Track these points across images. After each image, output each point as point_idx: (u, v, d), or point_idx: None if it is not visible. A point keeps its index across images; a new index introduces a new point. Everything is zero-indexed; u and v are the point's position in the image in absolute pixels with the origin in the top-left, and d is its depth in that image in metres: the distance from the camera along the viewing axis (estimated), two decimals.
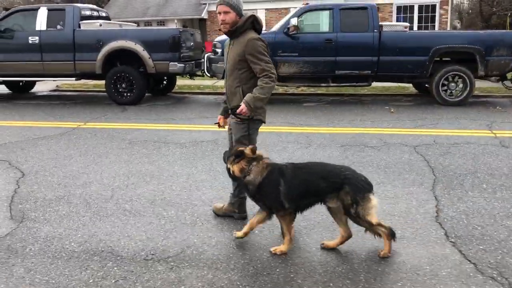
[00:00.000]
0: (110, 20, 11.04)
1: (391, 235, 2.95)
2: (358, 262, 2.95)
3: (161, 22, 24.09)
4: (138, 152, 5.57)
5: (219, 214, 3.65)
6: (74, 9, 9.64)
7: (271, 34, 9.29)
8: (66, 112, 8.66)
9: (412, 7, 22.35)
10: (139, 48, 9.24)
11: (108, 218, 3.63)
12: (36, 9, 9.77)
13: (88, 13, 10.03)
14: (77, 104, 9.75)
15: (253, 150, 3.06)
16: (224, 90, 3.62)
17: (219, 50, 9.42)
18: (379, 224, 2.91)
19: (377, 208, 2.90)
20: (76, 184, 4.43)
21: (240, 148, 3.09)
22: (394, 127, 6.94)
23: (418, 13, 22.40)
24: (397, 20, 22.66)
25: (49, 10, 9.70)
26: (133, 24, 11.47)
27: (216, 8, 3.28)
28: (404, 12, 22.57)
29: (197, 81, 12.03)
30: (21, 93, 11.83)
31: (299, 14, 9.31)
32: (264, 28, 4.36)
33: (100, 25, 9.67)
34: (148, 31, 10.46)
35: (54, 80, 10.83)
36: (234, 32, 3.29)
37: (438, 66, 9.00)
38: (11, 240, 3.26)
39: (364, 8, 9.24)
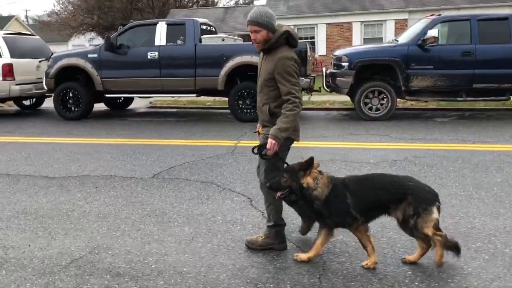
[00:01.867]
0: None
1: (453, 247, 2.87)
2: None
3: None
4: None
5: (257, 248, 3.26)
6: (194, 23, 9.37)
7: (403, 46, 8.85)
8: (200, 130, 8.27)
9: None
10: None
11: None
12: (154, 24, 9.52)
13: (204, 27, 9.74)
14: (198, 121, 9.39)
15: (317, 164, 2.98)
16: None
17: (345, 64, 9.00)
18: (434, 234, 2.81)
19: (435, 220, 2.80)
20: None
21: (309, 159, 2.93)
22: None
23: None
24: None
25: (168, 24, 9.44)
26: (239, 38, 11.13)
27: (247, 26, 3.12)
28: None
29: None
30: (119, 110, 11.59)
31: (433, 26, 8.85)
32: (391, 38, 3.91)
33: (223, 39, 9.35)
34: None
35: (172, 97, 10.56)
36: (268, 49, 3.10)
37: None
38: None
39: (504, 18, 8.76)
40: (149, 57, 9.32)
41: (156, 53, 9.30)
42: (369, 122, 8.58)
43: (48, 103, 12.18)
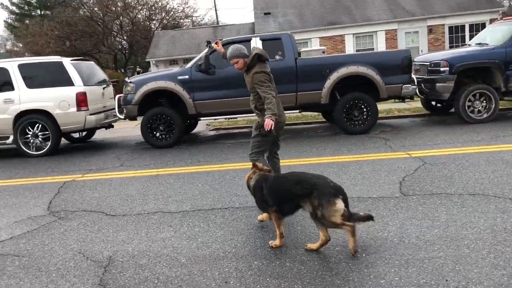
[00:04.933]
0: None
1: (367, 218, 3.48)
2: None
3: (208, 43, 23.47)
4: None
5: None
6: (290, 37, 9.04)
7: (500, 49, 9.03)
8: (333, 146, 7.90)
9: (463, 26, 23.01)
10: (371, 73, 8.71)
11: None
12: (248, 40, 9.07)
13: None
14: (296, 138, 8.98)
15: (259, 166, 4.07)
16: None
17: (445, 69, 9.04)
18: (342, 225, 3.35)
19: (341, 211, 3.32)
20: None
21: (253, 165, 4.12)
22: None
23: (469, 32, 23.06)
24: (450, 41, 23.31)
25: (263, 40, 9.03)
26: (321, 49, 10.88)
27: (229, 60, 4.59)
28: (456, 32, 23.20)
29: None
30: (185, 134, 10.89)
31: None
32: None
33: (323, 51, 9.08)
34: (377, 55, 9.98)
35: (226, 118, 10.08)
36: (247, 69, 4.54)
37: None
38: None
39: None
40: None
41: None
42: (479, 126, 8.60)
43: (99, 134, 11.24)
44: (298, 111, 9.26)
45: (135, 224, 4.51)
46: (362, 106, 8.82)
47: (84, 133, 10.91)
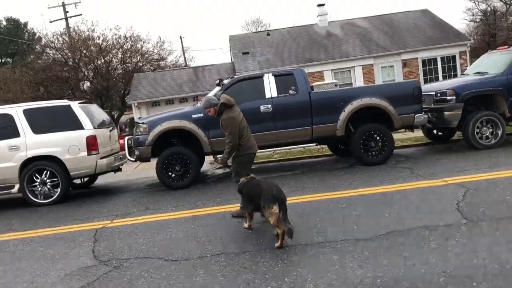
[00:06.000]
0: None
1: (287, 233, 4.37)
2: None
3: (196, 98, 23.49)
4: None
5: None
6: (302, 72, 9.15)
7: (502, 77, 9.40)
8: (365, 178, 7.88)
9: (435, 59, 24.02)
10: (385, 104, 8.86)
11: None
12: (261, 76, 9.09)
13: None
14: (318, 172, 8.93)
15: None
16: None
17: (451, 98, 9.31)
18: (277, 226, 4.41)
19: (276, 214, 4.36)
20: None
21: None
22: None
23: (441, 64, 24.10)
24: (424, 73, 24.27)
25: (275, 76, 9.08)
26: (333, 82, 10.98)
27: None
28: (429, 64, 24.19)
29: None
30: None
31: None
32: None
33: (336, 85, 9.19)
34: (389, 86, 10.14)
35: (289, 149, 9.97)
36: (218, 115, 5.77)
37: None
38: None
39: None
40: (262, 110, 8.81)
41: (269, 106, 8.84)
42: (491, 151, 8.80)
43: (101, 180, 10.83)
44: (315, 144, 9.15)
45: (205, 269, 4.25)
46: (378, 137, 8.87)
47: (86, 179, 10.46)
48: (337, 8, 70.25)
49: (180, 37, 38.27)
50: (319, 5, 27.93)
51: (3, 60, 55.01)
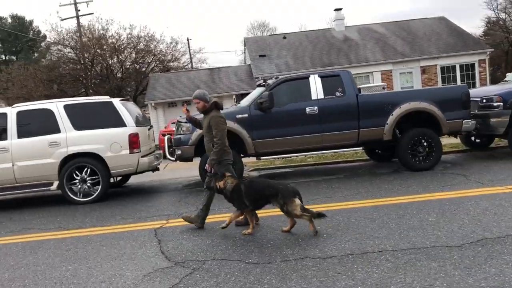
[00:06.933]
0: None
1: (319, 216, 4.95)
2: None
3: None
4: None
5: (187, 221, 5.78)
6: (349, 74, 8.96)
7: None
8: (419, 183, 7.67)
9: (454, 67, 23.88)
10: (433, 109, 8.67)
11: None
12: (306, 77, 8.91)
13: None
14: (359, 177, 8.74)
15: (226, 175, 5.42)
16: None
17: (498, 104, 9.12)
18: (302, 214, 4.89)
19: (299, 205, 4.89)
20: None
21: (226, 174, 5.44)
22: None
23: (460, 72, 23.95)
24: (442, 80, 24.11)
25: (321, 77, 8.90)
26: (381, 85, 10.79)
27: (193, 100, 5.60)
28: (448, 72, 24.04)
29: None
30: None
31: None
32: None
33: (384, 88, 9.01)
34: (437, 90, 9.95)
35: (335, 152, 9.77)
36: (205, 112, 5.61)
37: None
38: None
39: None
40: (307, 112, 8.62)
41: (315, 107, 8.65)
42: None
43: (133, 180, 10.61)
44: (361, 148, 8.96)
45: (296, 273, 4.05)
46: (425, 143, 8.67)
47: (118, 178, 10.24)
48: (349, 13, 70.42)
49: (187, 39, 37.86)
50: (336, 10, 27.86)
51: (7, 58, 54.92)
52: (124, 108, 8.63)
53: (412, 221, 5.34)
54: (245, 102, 9.20)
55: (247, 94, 23.27)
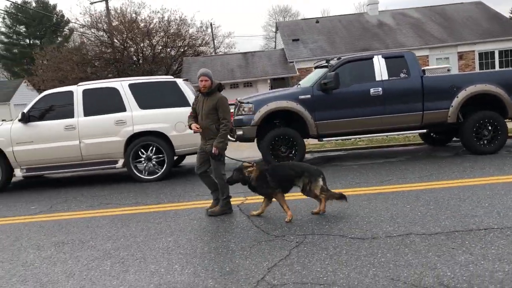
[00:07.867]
0: None
1: (342, 197, 5.17)
2: None
3: (248, 83, 23.31)
4: None
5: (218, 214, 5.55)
6: (413, 55, 8.84)
7: None
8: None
9: (492, 53, 23.38)
10: (500, 91, 8.52)
11: None
12: (370, 58, 8.82)
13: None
14: (418, 160, 8.66)
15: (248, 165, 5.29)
16: None
17: None
18: (320, 194, 5.11)
19: (321, 185, 5.05)
20: None
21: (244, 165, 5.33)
22: None
23: (499, 58, 23.44)
24: (480, 66, 23.63)
25: (385, 58, 8.79)
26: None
27: (199, 77, 5.37)
28: (486, 58, 23.55)
29: None
30: None
31: None
32: None
33: (449, 70, 8.88)
34: (504, 73, 9.74)
35: (398, 135, 9.73)
36: (208, 93, 5.38)
37: None
38: None
39: None
40: (372, 93, 8.55)
41: (380, 89, 8.57)
42: None
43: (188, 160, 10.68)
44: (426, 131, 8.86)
45: (408, 248, 4.06)
46: (490, 126, 8.54)
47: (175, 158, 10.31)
48: None
49: (211, 24, 37.71)
50: None
51: (31, 42, 55.63)
52: (187, 88, 8.68)
53: (504, 200, 5.29)
54: (305, 83, 9.16)
55: (282, 78, 23.32)
